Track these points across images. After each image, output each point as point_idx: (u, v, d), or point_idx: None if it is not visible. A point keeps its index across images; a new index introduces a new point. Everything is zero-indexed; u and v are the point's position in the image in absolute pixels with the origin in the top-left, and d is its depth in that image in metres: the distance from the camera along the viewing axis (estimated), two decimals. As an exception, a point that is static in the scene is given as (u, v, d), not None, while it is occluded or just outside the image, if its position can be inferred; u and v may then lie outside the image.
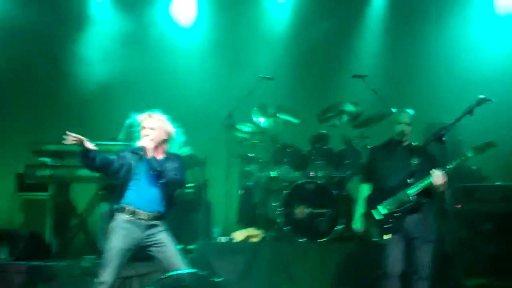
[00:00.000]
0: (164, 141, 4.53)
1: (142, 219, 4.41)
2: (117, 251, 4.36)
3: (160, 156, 4.50)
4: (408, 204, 4.72)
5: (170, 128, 4.56)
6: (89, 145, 4.35)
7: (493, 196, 5.77)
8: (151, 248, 4.46)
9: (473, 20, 8.40)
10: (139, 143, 4.44)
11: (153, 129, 4.48)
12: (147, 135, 4.46)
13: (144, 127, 4.49)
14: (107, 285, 4.34)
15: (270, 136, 7.08)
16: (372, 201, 4.90)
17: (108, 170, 4.48)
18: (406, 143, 4.96)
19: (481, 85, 7.19)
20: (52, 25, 8.72)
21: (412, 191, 4.72)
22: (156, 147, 4.48)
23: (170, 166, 4.45)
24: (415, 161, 4.79)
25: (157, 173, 4.41)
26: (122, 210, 4.43)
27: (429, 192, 4.75)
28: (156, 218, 4.46)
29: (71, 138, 4.35)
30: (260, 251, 6.13)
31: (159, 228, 4.47)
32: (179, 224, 6.76)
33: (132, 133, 6.97)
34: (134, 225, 4.40)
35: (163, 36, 9.06)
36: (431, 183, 4.63)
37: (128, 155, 4.50)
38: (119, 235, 4.38)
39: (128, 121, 7.10)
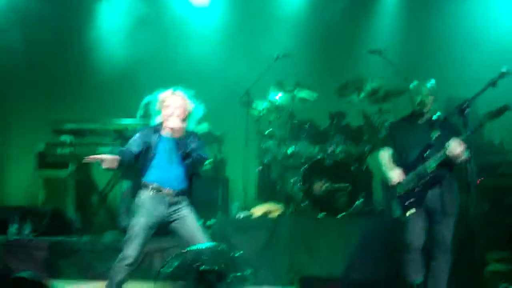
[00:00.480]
0: (185, 119, 4.52)
1: (167, 195, 4.45)
2: (141, 226, 4.41)
3: (180, 134, 4.47)
4: (427, 178, 4.68)
5: (192, 105, 4.55)
6: (111, 160, 4.37)
7: (515, 170, 5.73)
8: (173, 224, 4.51)
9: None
10: (168, 124, 4.41)
11: (177, 108, 4.47)
12: (172, 114, 4.44)
13: (168, 105, 4.48)
14: (131, 259, 4.41)
15: (287, 113, 7.04)
16: None
17: (137, 160, 4.52)
18: (427, 116, 4.88)
19: (504, 57, 7.05)
20: (70, 5, 8.74)
21: (431, 164, 4.66)
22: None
23: (194, 145, 4.45)
24: (435, 134, 4.72)
25: (184, 154, 4.42)
26: (146, 186, 4.47)
27: (449, 164, 4.70)
28: (179, 194, 4.50)
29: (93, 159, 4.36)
30: (279, 226, 6.14)
31: (182, 204, 4.52)
32: (198, 200, 6.81)
33: (149, 111, 7.06)
34: (158, 201, 4.44)
35: (180, 16, 9.06)
36: (447, 154, 4.58)
37: (149, 133, 4.51)
38: (144, 211, 4.43)
39: (145, 99, 7.22)
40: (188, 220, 4.50)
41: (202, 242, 4.39)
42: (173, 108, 4.47)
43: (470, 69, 7.51)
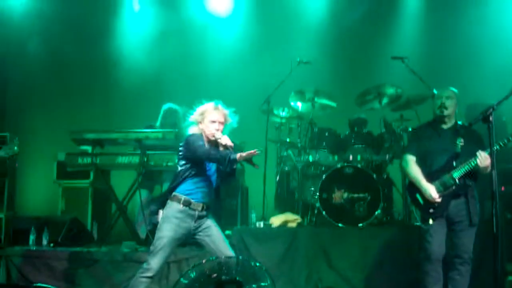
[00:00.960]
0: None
1: (196, 210, 4.42)
2: (168, 240, 4.39)
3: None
4: (453, 188, 4.61)
5: (231, 119, 4.57)
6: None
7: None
8: (199, 234, 4.50)
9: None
10: (221, 141, 4.34)
11: (222, 123, 4.46)
12: (219, 129, 4.42)
13: (213, 120, 4.43)
14: (154, 271, 4.40)
15: (308, 121, 6.99)
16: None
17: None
18: (452, 123, 4.82)
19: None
20: (91, 14, 8.86)
21: (458, 174, 4.60)
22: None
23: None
24: (460, 142, 4.65)
25: (231, 171, 4.41)
26: (176, 199, 4.44)
27: (474, 174, 4.63)
28: (208, 208, 4.50)
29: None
30: (297, 236, 6.08)
31: (208, 215, 4.52)
32: (217, 209, 6.78)
33: (170, 120, 7.05)
34: (187, 215, 4.43)
35: (201, 26, 9.09)
36: (476, 165, 4.49)
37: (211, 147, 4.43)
38: (172, 224, 4.41)
39: (163, 108, 7.25)
40: (213, 230, 4.50)
41: (227, 251, 4.40)
42: (218, 124, 4.44)
43: (494, 75, 7.36)
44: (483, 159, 4.45)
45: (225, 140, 4.35)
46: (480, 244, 5.27)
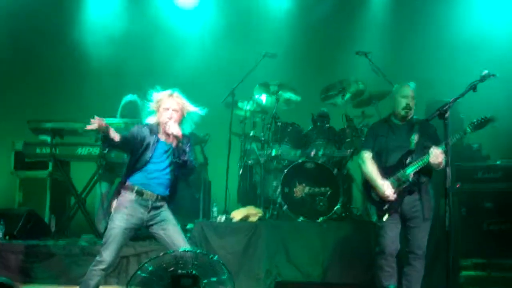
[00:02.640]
0: (180, 123, 4.42)
1: (150, 200, 4.36)
2: (119, 230, 4.31)
3: (174, 140, 4.38)
4: (407, 184, 4.66)
5: (191, 108, 4.46)
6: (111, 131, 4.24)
7: (493, 175, 5.71)
8: (153, 227, 4.42)
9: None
10: (168, 130, 4.29)
11: (176, 111, 4.37)
12: (171, 118, 4.33)
13: (166, 108, 4.36)
14: (107, 263, 4.31)
15: (271, 114, 7.00)
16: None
17: (128, 146, 4.37)
18: (408, 118, 4.85)
19: (485, 62, 7.07)
20: (55, 3, 8.65)
21: (411, 170, 4.66)
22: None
23: (188, 151, 4.38)
24: (414, 138, 4.69)
25: (182, 162, 4.35)
26: (129, 189, 4.37)
27: (428, 170, 4.69)
28: (163, 200, 4.42)
29: (97, 122, 4.19)
30: (258, 230, 6.09)
31: (163, 208, 4.43)
32: (179, 202, 6.74)
33: (129, 110, 6.97)
34: (139, 205, 4.35)
35: (165, 18, 9.03)
36: (429, 162, 4.56)
37: (145, 132, 4.37)
38: (124, 214, 4.33)
39: (124, 99, 7.16)
40: (169, 224, 4.42)
41: (183, 245, 4.32)
42: (171, 112, 4.36)
43: (454, 72, 7.49)
44: (435, 156, 4.50)
45: (172, 128, 4.29)
46: (435, 240, 5.40)
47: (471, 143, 6.46)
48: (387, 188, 4.68)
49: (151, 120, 4.47)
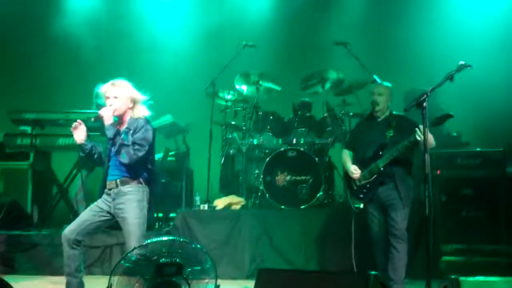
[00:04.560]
0: (129, 109, 4.39)
1: (110, 188, 4.38)
2: (90, 207, 4.42)
3: (122, 127, 4.38)
4: (377, 175, 4.89)
5: (135, 94, 4.40)
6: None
7: (473, 162, 5.81)
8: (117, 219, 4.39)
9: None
10: (99, 112, 4.34)
11: (116, 98, 4.35)
12: (110, 104, 4.35)
13: (108, 97, 4.37)
14: (65, 238, 4.33)
15: (252, 104, 7.03)
16: None
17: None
18: (385, 115, 5.09)
19: (463, 52, 7.17)
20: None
21: (382, 162, 4.88)
22: (121, 116, 4.38)
23: (133, 136, 4.30)
24: (389, 133, 4.94)
25: (111, 143, 4.35)
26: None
27: (403, 161, 4.90)
28: (121, 184, 4.34)
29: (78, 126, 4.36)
30: (241, 218, 6.14)
31: (127, 197, 4.33)
32: (161, 192, 6.76)
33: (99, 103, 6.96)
34: (107, 195, 4.41)
35: (143, 9, 9.00)
36: (414, 141, 4.66)
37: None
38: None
39: (96, 90, 7.12)
40: (125, 217, 4.33)
41: (130, 245, 4.23)
42: (111, 99, 4.36)
43: (432, 61, 7.57)
44: (421, 134, 4.54)
45: (101, 111, 4.34)
46: (417, 226, 5.51)
47: (450, 130, 6.57)
48: (354, 170, 5.03)
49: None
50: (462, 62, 4.36)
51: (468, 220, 5.67)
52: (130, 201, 4.33)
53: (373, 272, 3.85)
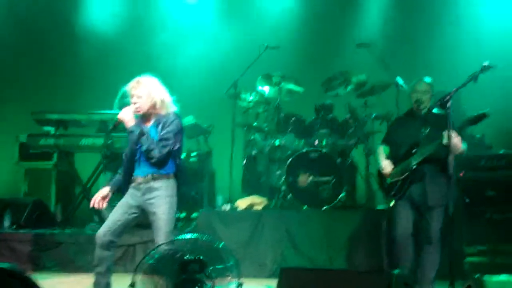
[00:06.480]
0: (154, 106, 4.31)
1: (140, 183, 4.34)
2: (119, 205, 4.38)
3: (149, 123, 4.34)
4: (409, 173, 4.77)
5: (160, 91, 4.31)
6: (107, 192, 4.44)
7: (496, 164, 5.76)
8: (148, 216, 4.38)
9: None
10: (118, 116, 4.31)
11: (140, 97, 4.27)
12: (134, 103, 4.28)
13: (132, 95, 4.30)
14: (99, 240, 4.36)
15: (274, 105, 7.04)
16: None
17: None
18: (423, 112, 4.96)
19: (486, 52, 7.09)
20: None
21: (415, 160, 4.75)
22: (145, 115, 4.33)
23: (162, 131, 4.26)
24: (425, 131, 4.83)
25: (138, 142, 4.31)
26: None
27: (433, 160, 4.74)
28: (152, 180, 4.31)
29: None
30: (263, 219, 6.15)
31: (157, 193, 4.31)
32: (183, 192, 6.78)
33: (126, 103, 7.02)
34: (136, 189, 4.36)
35: (168, 11, 9.06)
36: (434, 151, 4.60)
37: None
38: (125, 196, 4.41)
39: (121, 90, 7.18)
40: (156, 214, 4.30)
41: (161, 240, 4.21)
42: (135, 98, 4.28)
43: (456, 63, 7.50)
44: (448, 137, 4.41)
45: (120, 113, 4.30)
46: (441, 227, 5.45)
47: (473, 132, 6.50)
48: (385, 166, 4.94)
49: None
50: (486, 63, 4.34)
51: (491, 222, 5.61)
52: (160, 197, 4.30)
53: (396, 271, 3.85)
